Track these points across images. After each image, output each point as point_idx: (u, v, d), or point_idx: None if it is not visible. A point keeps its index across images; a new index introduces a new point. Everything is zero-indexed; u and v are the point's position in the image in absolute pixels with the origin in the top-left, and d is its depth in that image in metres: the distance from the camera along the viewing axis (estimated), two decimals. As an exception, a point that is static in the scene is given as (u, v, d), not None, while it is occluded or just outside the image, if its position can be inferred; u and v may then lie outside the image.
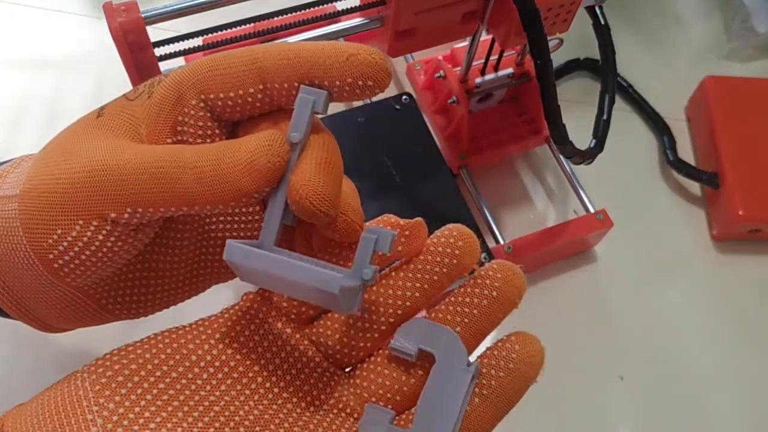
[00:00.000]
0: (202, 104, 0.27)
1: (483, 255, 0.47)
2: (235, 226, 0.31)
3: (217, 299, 0.47)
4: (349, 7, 0.44)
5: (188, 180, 0.25)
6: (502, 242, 0.50)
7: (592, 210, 0.52)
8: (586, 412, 0.50)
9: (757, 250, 0.56)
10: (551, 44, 0.41)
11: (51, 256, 0.26)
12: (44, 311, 0.29)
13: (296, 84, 0.26)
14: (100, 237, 0.26)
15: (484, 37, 0.47)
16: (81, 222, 0.25)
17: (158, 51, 0.39)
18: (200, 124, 0.27)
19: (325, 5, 0.43)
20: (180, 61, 0.42)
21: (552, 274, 0.54)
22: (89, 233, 0.25)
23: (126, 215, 0.25)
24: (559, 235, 0.51)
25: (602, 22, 0.46)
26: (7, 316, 0.31)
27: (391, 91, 0.57)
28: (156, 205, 0.25)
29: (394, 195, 0.48)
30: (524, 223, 0.55)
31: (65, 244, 0.26)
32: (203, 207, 0.25)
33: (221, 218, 0.31)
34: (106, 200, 0.25)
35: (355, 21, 0.44)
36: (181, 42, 0.39)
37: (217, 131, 0.27)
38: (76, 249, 0.26)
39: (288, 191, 0.25)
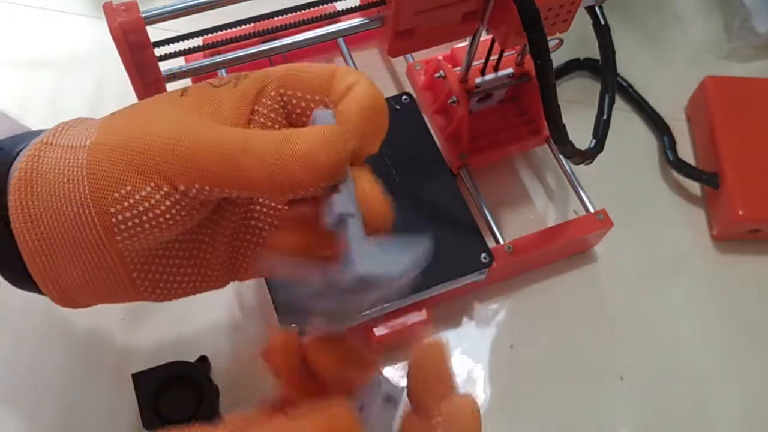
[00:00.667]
0: (279, 97, 0.29)
1: (483, 255, 0.48)
2: (274, 214, 0.32)
3: (216, 302, 0.47)
4: (349, 7, 0.44)
5: (252, 165, 0.26)
6: (502, 242, 0.50)
7: (592, 210, 0.52)
8: (586, 412, 0.50)
9: (757, 250, 0.56)
10: (551, 44, 0.41)
11: (112, 210, 0.26)
12: (73, 278, 0.29)
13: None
14: (167, 203, 0.27)
15: (484, 37, 0.47)
16: (152, 184, 0.26)
17: (158, 51, 0.39)
18: (272, 115, 0.29)
19: (325, 5, 0.43)
20: (180, 61, 0.42)
21: (552, 274, 0.54)
22: (157, 197, 0.26)
23: (194, 190, 0.26)
24: (559, 235, 0.51)
25: (602, 22, 0.46)
26: (23, 286, 0.31)
27: (391, 91, 0.57)
28: (222, 185, 0.26)
29: (394, 195, 0.48)
30: (524, 223, 0.55)
31: (131, 201, 0.26)
32: (264, 193, 0.26)
33: (265, 207, 0.32)
34: (179, 171, 0.26)
35: (355, 21, 0.44)
36: (181, 42, 0.39)
37: (285, 124, 0.29)
38: (140, 209, 0.27)
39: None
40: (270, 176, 0.25)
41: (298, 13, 0.42)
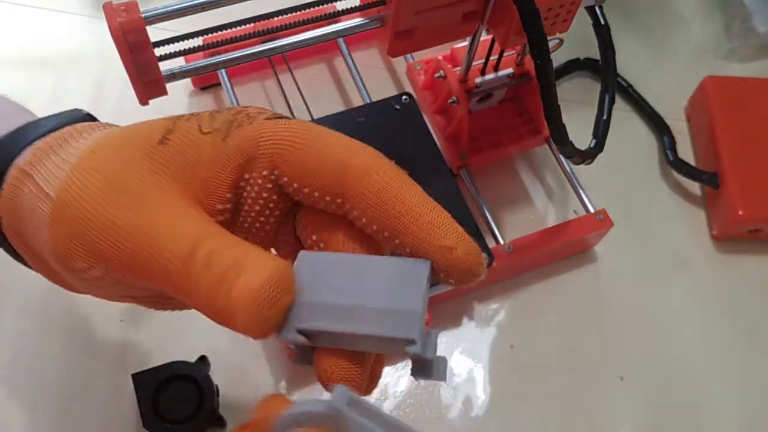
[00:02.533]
0: (272, 177, 0.26)
1: (483, 255, 0.47)
2: None
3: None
4: (349, 7, 0.44)
5: (184, 292, 0.24)
6: (502, 242, 0.50)
7: (592, 210, 0.52)
8: (586, 412, 0.50)
9: (757, 250, 0.56)
10: (551, 44, 0.41)
11: (71, 271, 0.26)
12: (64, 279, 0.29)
13: (384, 233, 0.25)
14: (114, 282, 0.26)
15: (484, 37, 0.47)
16: (102, 269, 0.25)
17: (158, 51, 0.39)
18: (264, 195, 0.26)
19: (325, 5, 0.43)
20: (180, 61, 0.42)
21: (552, 274, 0.54)
22: (107, 279, 0.26)
23: (138, 283, 0.25)
24: (559, 235, 0.51)
25: (602, 22, 0.46)
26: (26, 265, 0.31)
27: (391, 91, 0.57)
28: (167, 290, 0.25)
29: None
30: (524, 223, 0.55)
31: (84, 274, 0.26)
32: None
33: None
34: (127, 270, 0.25)
35: (355, 21, 0.44)
36: (181, 42, 0.39)
37: (280, 205, 0.27)
38: (93, 281, 0.26)
39: (447, 258, 0.24)
40: (205, 295, 0.24)
41: (298, 13, 0.42)
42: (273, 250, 0.30)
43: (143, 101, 0.40)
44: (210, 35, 0.40)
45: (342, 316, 0.24)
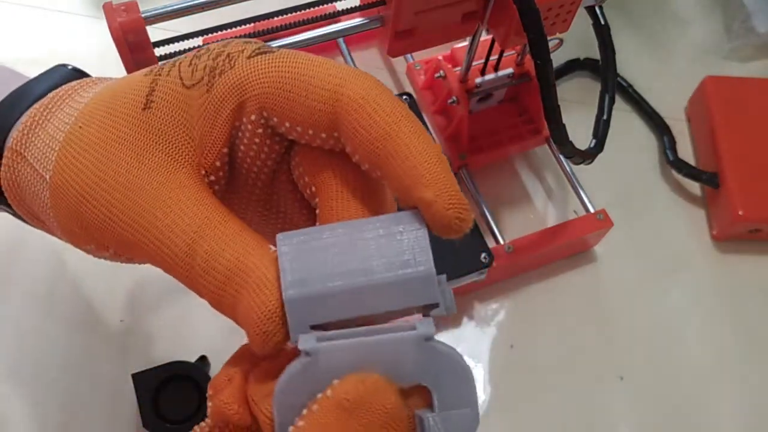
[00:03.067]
0: (263, 121, 0.24)
1: (483, 255, 0.48)
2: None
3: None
4: (349, 7, 0.44)
5: (189, 279, 0.24)
6: (502, 242, 0.50)
7: (592, 210, 0.52)
8: (586, 412, 0.50)
9: (757, 250, 0.56)
10: (551, 44, 0.41)
11: (78, 250, 0.26)
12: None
13: (376, 173, 0.23)
14: (123, 259, 0.26)
15: (484, 37, 0.47)
16: (111, 251, 0.25)
17: (158, 51, 0.39)
18: (257, 140, 0.25)
19: (325, 5, 0.43)
20: (180, 61, 0.42)
21: (552, 274, 0.54)
22: (106, 254, 0.26)
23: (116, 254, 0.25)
24: (559, 235, 0.51)
25: (602, 22, 0.46)
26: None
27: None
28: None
29: (394, 195, 0.48)
30: (524, 223, 0.55)
31: (92, 254, 0.26)
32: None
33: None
34: (127, 252, 0.25)
35: (355, 21, 0.44)
36: (181, 42, 0.39)
37: (275, 147, 0.25)
38: (107, 257, 0.26)
39: (428, 211, 0.22)
40: (210, 299, 0.23)
41: (298, 13, 0.42)
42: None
43: (143, 101, 0.40)
44: (210, 35, 0.40)
45: (353, 300, 0.22)
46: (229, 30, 0.40)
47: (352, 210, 0.24)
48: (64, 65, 0.30)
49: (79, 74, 0.30)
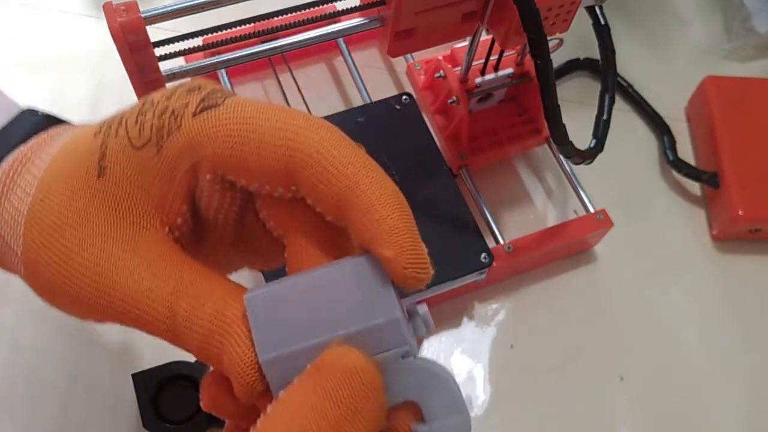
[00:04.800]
0: (219, 179, 0.24)
1: (483, 255, 0.48)
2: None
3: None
4: (349, 7, 0.44)
5: (173, 340, 0.25)
6: (502, 242, 0.50)
7: (592, 210, 0.52)
8: (586, 412, 0.50)
9: (757, 250, 0.56)
10: (551, 44, 0.41)
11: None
12: None
13: (340, 223, 0.23)
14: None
15: (484, 37, 0.47)
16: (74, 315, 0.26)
17: (158, 51, 0.39)
18: (216, 195, 0.25)
19: (325, 5, 0.43)
20: (180, 61, 0.42)
21: (552, 274, 0.54)
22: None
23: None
24: (559, 235, 0.51)
25: (602, 22, 0.46)
26: None
27: (391, 91, 0.57)
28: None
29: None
30: (524, 223, 0.55)
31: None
32: None
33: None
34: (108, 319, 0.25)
35: (355, 21, 0.44)
36: (181, 42, 0.39)
37: (237, 195, 0.25)
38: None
39: (387, 267, 0.22)
40: (196, 354, 0.24)
41: (298, 13, 0.42)
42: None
43: (143, 101, 0.40)
44: (210, 35, 0.40)
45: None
46: (229, 30, 0.40)
47: (317, 259, 0.24)
48: (34, 111, 0.30)
49: (47, 121, 0.30)
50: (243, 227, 0.27)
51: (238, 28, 0.40)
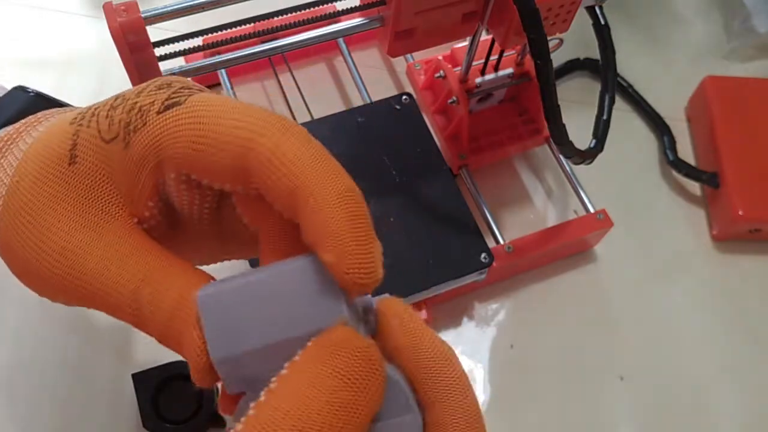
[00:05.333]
0: (183, 177, 0.24)
1: (483, 255, 0.48)
2: None
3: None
4: (349, 7, 0.44)
5: (138, 323, 0.25)
6: (502, 242, 0.50)
7: (592, 210, 0.52)
8: (586, 412, 0.50)
9: (757, 250, 0.56)
10: (551, 44, 0.41)
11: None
12: None
13: (295, 220, 0.23)
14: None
15: (484, 37, 0.47)
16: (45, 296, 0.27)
17: (158, 51, 0.39)
18: (185, 192, 0.25)
19: (325, 5, 0.43)
20: (180, 61, 0.42)
21: (552, 274, 0.54)
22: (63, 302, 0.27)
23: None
24: (559, 235, 0.51)
25: (602, 22, 0.46)
26: None
27: (391, 91, 0.57)
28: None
29: (394, 195, 0.48)
30: (524, 223, 0.55)
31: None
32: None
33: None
34: (73, 302, 0.26)
35: (355, 21, 0.44)
36: (181, 42, 0.39)
37: (207, 193, 0.26)
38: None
39: (330, 271, 0.22)
40: (157, 336, 0.25)
41: (298, 13, 0.42)
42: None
43: (143, 101, 0.40)
44: (210, 35, 0.40)
45: (277, 352, 0.22)
46: (229, 30, 0.40)
47: (287, 254, 0.24)
48: (25, 89, 0.31)
49: (38, 99, 0.31)
50: (221, 221, 0.28)
51: (238, 28, 0.41)
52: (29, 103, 0.30)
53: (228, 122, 0.23)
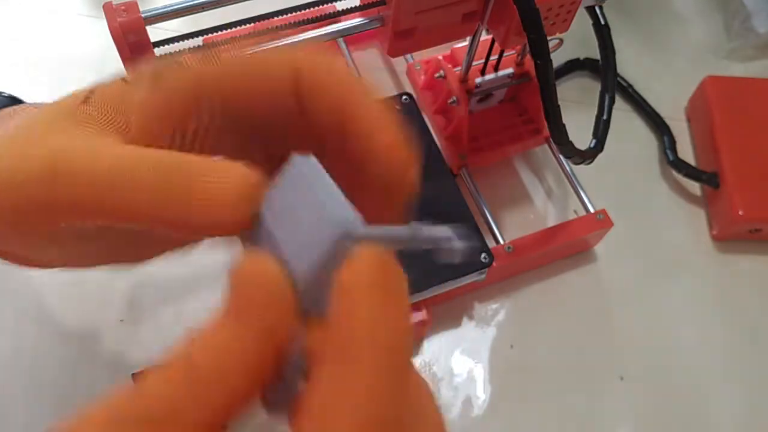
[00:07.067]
0: (218, 113, 0.24)
1: (483, 255, 0.48)
2: None
3: (216, 302, 0.47)
4: (349, 7, 0.44)
5: (131, 190, 0.22)
6: (502, 242, 0.50)
7: (592, 210, 0.52)
8: (586, 412, 0.50)
9: (757, 250, 0.56)
10: (551, 44, 0.41)
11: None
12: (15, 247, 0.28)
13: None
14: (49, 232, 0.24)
15: (484, 37, 0.47)
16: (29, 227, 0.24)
17: (158, 51, 0.39)
18: (217, 125, 0.24)
19: (325, 5, 0.43)
20: (180, 61, 0.42)
21: (552, 274, 0.54)
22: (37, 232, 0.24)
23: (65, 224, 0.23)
24: (559, 235, 0.51)
25: (602, 22, 0.46)
26: None
27: (391, 91, 0.57)
28: (106, 219, 0.22)
29: (394, 195, 0.48)
30: (524, 223, 0.55)
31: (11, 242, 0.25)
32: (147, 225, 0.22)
33: None
34: (57, 210, 0.23)
35: (355, 21, 0.44)
36: (181, 42, 0.39)
37: (231, 128, 0.25)
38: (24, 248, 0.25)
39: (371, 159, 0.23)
40: (149, 197, 0.21)
41: (298, 13, 0.42)
42: None
43: (143, 101, 0.40)
44: (210, 35, 0.40)
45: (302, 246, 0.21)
46: (229, 30, 0.40)
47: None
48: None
49: (14, 102, 0.30)
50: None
51: (238, 28, 0.41)
52: (3, 105, 0.29)
53: (273, 54, 0.24)
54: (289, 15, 0.41)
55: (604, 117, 0.48)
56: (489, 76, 0.52)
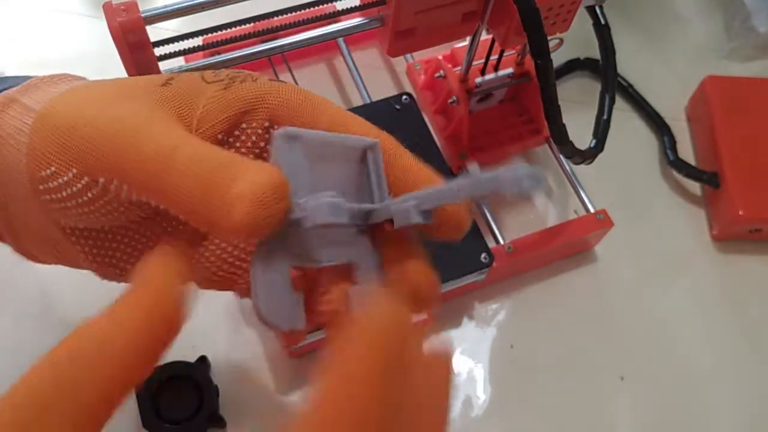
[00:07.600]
0: (264, 130, 0.28)
1: (483, 255, 0.48)
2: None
3: (216, 302, 0.47)
4: (349, 7, 0.44)
5: (173, 183, 0.24)
6: (502, 242, 0.50)
7: (592, 210, 0.52)
8: (586, 412, 0.50)
9: (758, 250, 0.56)
10: (551, 44, 0.41)
11: (41, 187, 0.26)
12: (25, 232, 0.29)
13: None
14: (88, 195, 0.25)
15: (484, 37, 0.47)
16: (74, 171, 0.25)
17: (158, 51, 0.39)
18: (254, 140, 0.28)
19: (325, 5, 0.43)
20: (180, 61, 0.42)
21: (552, 274, 0.54)
22: (79, 186, 0.25)
23: (113, 186, 0.25)
24: (559, 235, 0.51)
25: (602, 22, 0.46)
26: None
27: (391, 91, 0.57)
28: (141, 190, 0.24)
29: (394, 195, 0.48)
30: (524, 223, 0.55)
31: (54, 184, 0.25)
32: (184, 215, 0.24)
33: None
34: (103, 164, 0.24)
35: (355, 21, 0.44)
36: (181, 42, 0.39)
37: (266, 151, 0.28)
38: (63, 194, 0.25)
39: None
40: (190, 202, 0.23)
41: (298, 13, 0.42)
42: None
43: (143, 101, 0.40)
44: (210, 35, 0.40)
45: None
46: (229, 30, 0.40)
47: None
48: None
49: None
50: None
51: (238, 28, 0.41)
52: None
53: (323, 101, 0.29)
54: (289, 15, 0.41)
55: (605, 117, 0.48)
56: (489, 76, 0.52)
